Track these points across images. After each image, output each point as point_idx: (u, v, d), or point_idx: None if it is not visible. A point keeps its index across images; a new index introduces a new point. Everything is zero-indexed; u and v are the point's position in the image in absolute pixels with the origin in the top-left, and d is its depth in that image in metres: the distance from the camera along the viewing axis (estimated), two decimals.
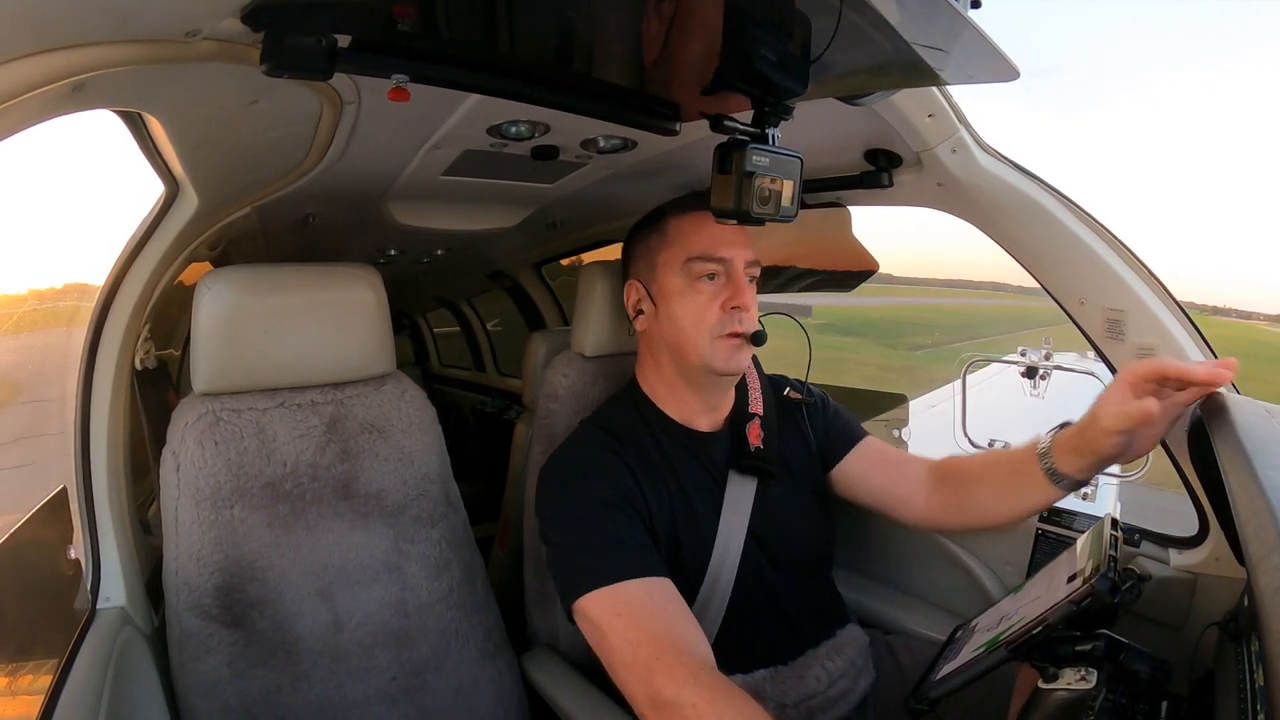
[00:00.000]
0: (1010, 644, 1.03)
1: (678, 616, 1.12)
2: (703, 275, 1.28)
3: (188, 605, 1.26)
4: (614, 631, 1.10)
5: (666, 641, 1.05)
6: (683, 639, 1.07)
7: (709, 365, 1.30)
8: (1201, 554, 1.32)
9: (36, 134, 0.75)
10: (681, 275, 1.30)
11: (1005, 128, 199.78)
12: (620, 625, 1.10)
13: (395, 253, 2.74)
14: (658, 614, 1.11)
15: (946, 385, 3.32)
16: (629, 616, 1.10)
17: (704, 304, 1.28)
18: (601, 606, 1.12)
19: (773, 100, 0.98)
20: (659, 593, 1.14)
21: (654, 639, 1.06)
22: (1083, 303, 1.34)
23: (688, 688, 0.98)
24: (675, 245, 1.31)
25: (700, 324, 1.28)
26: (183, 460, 1.28)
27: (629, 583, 1.13)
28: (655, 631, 1.07)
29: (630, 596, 1.12)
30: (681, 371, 1.34)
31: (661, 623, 1.09)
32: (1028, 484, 1.22)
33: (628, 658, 1.06)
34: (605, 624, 1.11)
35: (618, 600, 1.12)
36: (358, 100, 1.07)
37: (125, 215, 1.30)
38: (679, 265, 1.30)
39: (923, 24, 0.71)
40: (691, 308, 1.29)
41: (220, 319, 1.29)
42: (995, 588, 1.54)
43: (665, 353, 1.35)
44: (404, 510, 1.45)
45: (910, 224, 35.82)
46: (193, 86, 0.90)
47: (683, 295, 1.30)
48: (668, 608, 1.12)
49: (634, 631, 1.08)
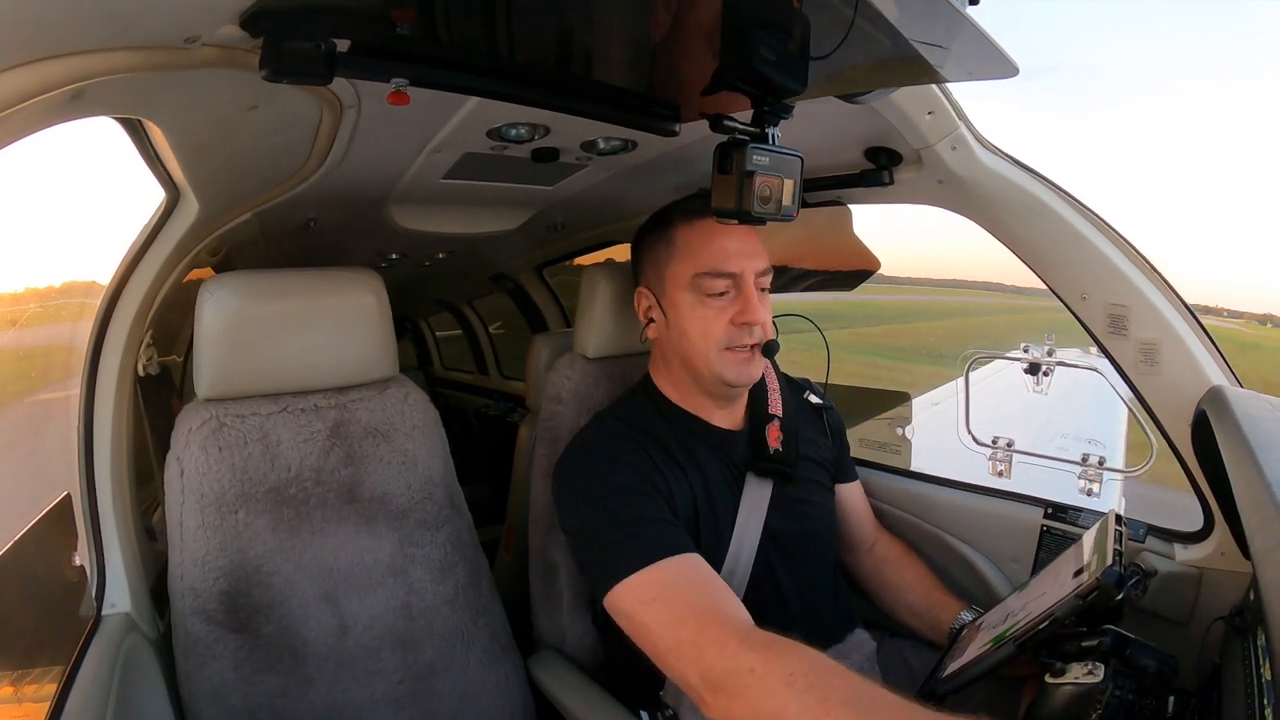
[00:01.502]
0: (1018, 639, 1.03)
1: (713, 588, 1.10)
2: (712, 292, 1.27)
3: (193, 610, 1.26)
4: (652, 618, 1.08)
5: (707, 615, 1.03)
6: (723, 609, 1.05)
7: (720, 377, 1.29)
8: (1207, 549, 1.31)
9: (37, 141, 0.76)
10: (690, 290, 1.28)
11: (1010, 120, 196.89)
12: (657, 611, 1.08)
13: (397, 256, 2.74)
14: (694, 590, 1.09)
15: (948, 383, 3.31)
16: (664, 600, 1.08)
17: (712, 318, 1.27)
18: (634, 596, 1.10)
19: (772, 99, 0.98)
20: (690, 568, 1.12)
21: (694, 617, 1.04)
22: (1085, 298, 1.34)
23: (741, 653, 0.95)
24: (683, 258, 1.29)
25: (708, 339, 1.28)
26: (187, 466, 1.28)
27: (658, 565, 1.11)
28: (694, 608, 1.05)
29: (662, 578, 1.10)
30: (694, 379, 1.34)
31: (699, 598, 1.07)
32: (932, 624, 1.44)
33: (671, 641, 1.04)
34: (641, 613, 1.09)
35: (650, 585, 1.10)
36: (357, 104, 1.07)
37: (127, 222, 1.31)
38: (687, 280, 1.28)
39: (922, 21, 0.71)
40: (700, 323, 1.28)
41: (222, 325, 1.29)
42: (1002, 585, 1.54)
43: (676, 360, 1.35)
44: (408, 514, 1.45)
45: (895, 224, 35.62)
46: (193, 92, 0.90)
47: (691, 310, 1.29)
48: (702, 582, 1.11)
49: (671, 613, 1.06)
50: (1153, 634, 1.09)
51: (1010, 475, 1.62)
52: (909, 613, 1.49)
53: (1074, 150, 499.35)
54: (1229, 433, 1.00)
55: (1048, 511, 1.51)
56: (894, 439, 1.99)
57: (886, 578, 1.55)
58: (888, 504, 1.72)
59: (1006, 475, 1.62)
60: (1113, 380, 1.38)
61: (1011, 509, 1.56)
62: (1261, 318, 21.07)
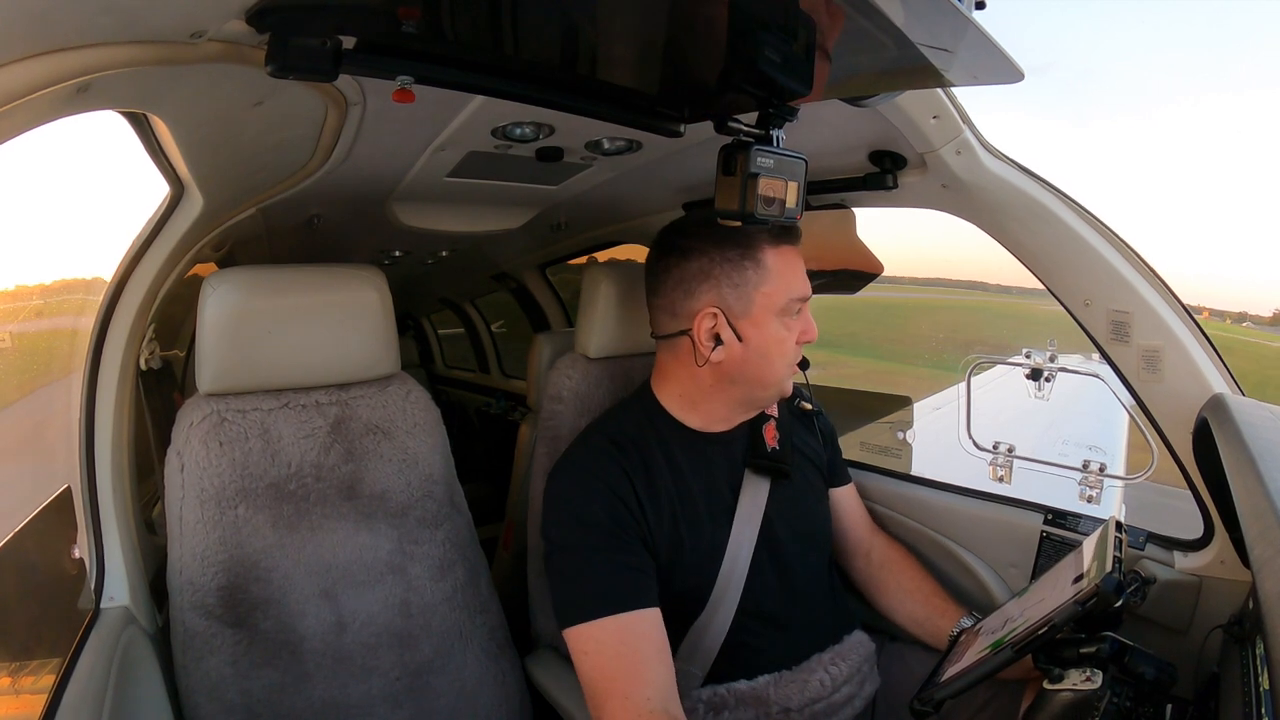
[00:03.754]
0: (1016, 645, 1.03)
1: (644, 657, 1.18)
2: (793, 313, 1.30)
3: (192, 605, 1.26)
4: (584, 668, 1.20)
5: (626, 685, 1.15)
6: (642, 685, 1.15)
7: (784, 393, 1.35)
8: (1206, 556, 1.31)
9: (42, 134, 0.76)
10: (779, 314, 1.29)
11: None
12: (586, 663, 1.19)
13: (400, 254, 2.74)
14: (626, 656, 1.18)
15: (950, 388, 3.31)
16: (596, 655, 1.18)
17: (788, 339, 1.31)
18: (578, 642, 1.20)
19: (777, 102, 0.98)
20: (633, 630, 1.19)
21: (614, 681, 1.16)
22: (1088, 304, 1.34)
23: None
24: (778, 283, 1.27)
25: (785, 359, 1.32)
26: (187, 460, 1.29)
27: (607, 620, 1.18)
28: (617, 675, 1.16)
29: (603, 635, 1.19)
30: (742, 396, 1.35)
31: (627, 665, 1.17)
32: (932, 631, 1.45)
33: (592, 692, 1.18)
34: (577, 659, 1.21)
35: (591, 638, 1.19)
36: (362, 102, 1.07)
37: (131, 216, 1.31)
38: (782, 304, 1.28)
39: (927, 25, 0.71)
40: (781, 345, 1.30)
41: (225, 320, 1.29)
42: (1001, 590, 1.54)
43: (730, 381, 1.32)
44: (408, 511, 1.45)
45: (888, 226, 35.73)
46: (198, 88, 0.90)
47: (777, 333, 1.30)
48: (637, 648, 1.18)
49: (599, 671, 1.18)
50: (1151, 641, 1.09)
51: (1010, 480, 1.62)
52: (908, 619, 1.49)
53: (1044, 145, 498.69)
54: (1230, 441, 1.00)
55: (1048, 518, 1.50)
56: (895, 443, 2.00)
57: (884, 583, 1.55)
58: (887, 508, 1.71)
59: (1007, 480, 1.62)
60: (1114, 386, 1.38)
61: (1011, 515, 1.56)
62: (1238, 315, 21.18)
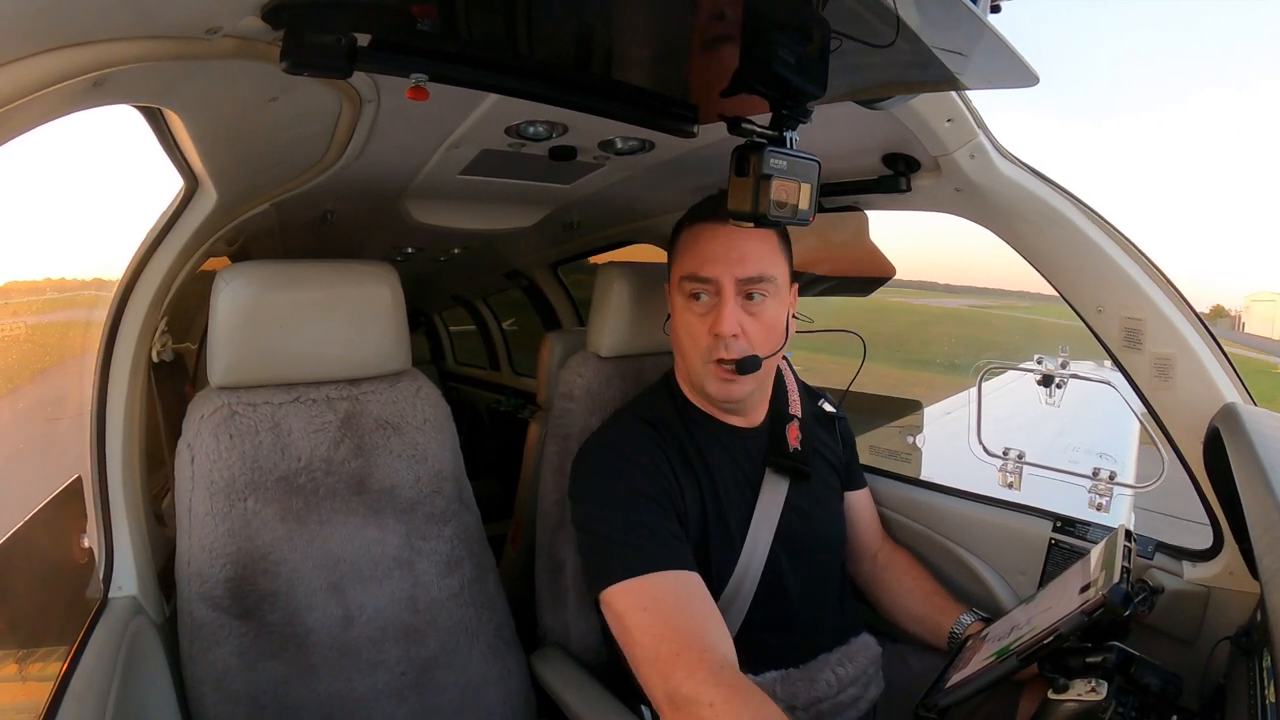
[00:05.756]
0: (1021, 653, 1.03)
1: (703, 612, 1.12)
2: (691, 294, 1.28)
3: (199, 596, 1.27)
4: (638, 625, 1.10)
5: (689, 638, 1.06)
6: (706, 636, 1.07)
7: (705, 388, 1.30)
8: (1215, 567, 1.30)
9: (57, 128, 0.76)
10: (679, 292, 1.30)
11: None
12: (644, 619, 1.10)
13: (413, 251, 2.75)
14: (683, 609, 1.11)
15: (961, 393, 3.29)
16: (653, 610, 1.10)
17: (694, 324, 1.28)
18: (628, 599, 1.12)
19: (791, 103, 0.98)
20: (685, 587, 1.14)
21: (676, 635, 1.06)
22: (1100, 311, 1.33)
23: (707, 685, 0.98)
24: (677, 259, 1.31)
25: (695, 346, 1.28)
26: (198, 452, 1.29)
27: (656, 575, 1.13)
28: (678, 627, 1.08)
29: (657, 590, 1.12)
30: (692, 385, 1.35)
31: (685, 618, 1.09)
32: (932, 629, 1.45)
33: (650, 652, 1.07)
34: (630, 617, 1.11)
35: (644, 593, 1.12)
36: (376, 99, 1.07)
37: (144, 209, 1.32)
38: (678, 281, 1.30)
39: (942, 28, 0.71)
40: (686, 328, 1.29)
41: (238, 313, 1.30)
42: (1008, 597, 1.53)
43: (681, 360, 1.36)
44: (417, 507, 1.46)
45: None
46: (213, 83, 0.91)
47: (680, 313, 1.30)
48: (693, 603, 1.12)
49: (658, 626, 1.08)
50: (1158, 652, 1.08)
51: (1020, 487, 1.61)
52: (909, 618, 1.49)
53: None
54: (1241, 451, 0.99)
55: (1056, 525, 1.50)
56: (904, 447, 1.99)
57: (887, 584, 1.55)
58: (895, 512, 1.71)
59: (1016, 487, 1.61)
60: (1126, 394, 1.37)
61: (1020, 521, 1.55)
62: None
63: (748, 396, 1.33)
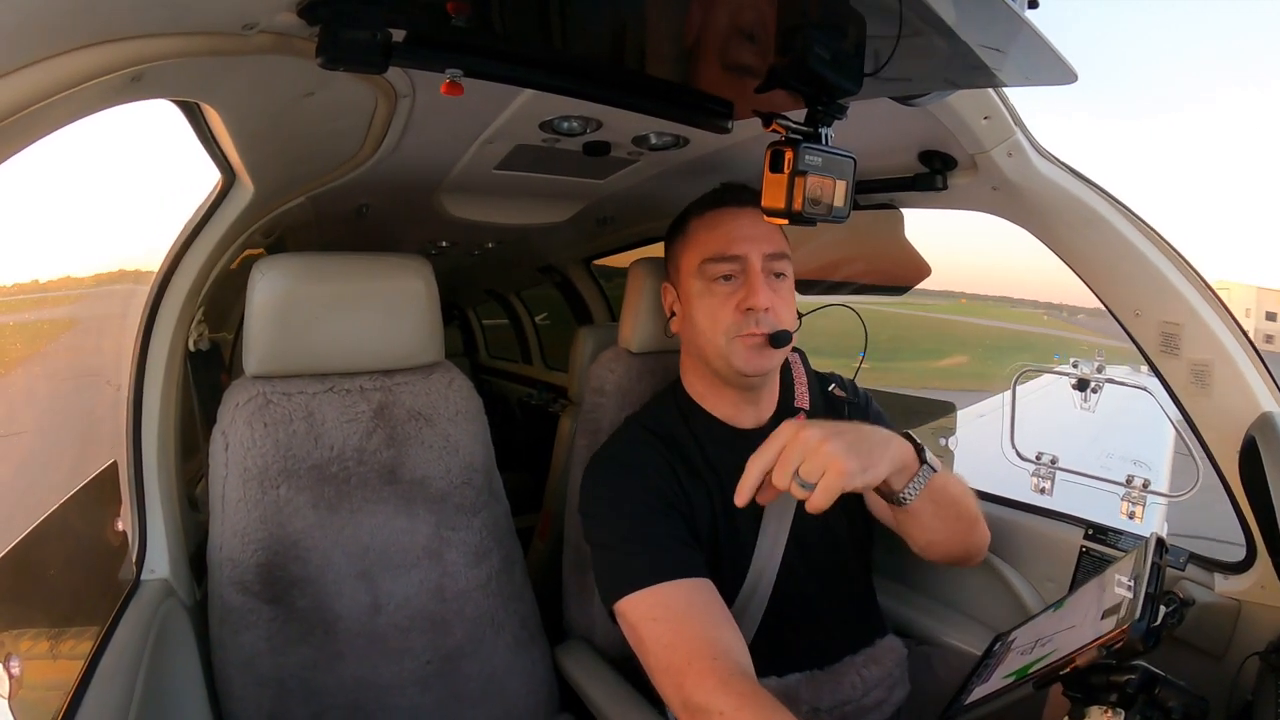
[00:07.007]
0: (1037, 680, 1.01)
1: (715, 620, 1.11)
2: (718, 276, 1.27)
3: (230, 580, 1.29)
4: (650, 635, 1.11)
5: (700, 646, 1.06)
6: (717, 644, 1.07)
7: (731, 365, 1.28)
8: (1247, 580, 1.27)
9: (97, 121, 0.78)
10: (699, 278, 1.29)
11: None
12: (656, 629, 1.11)
13: (447, 245, 2.77)
14: (694, 617, 1.11)
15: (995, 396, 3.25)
16: (665, 620, 1.11)
17: (718, 306, 1.27)
18: (639, 610, 1.13)
19: (826, 99, 0.97)
20: (697, 595, 1.14)
21: (688, 643, 1.07)
22: (1138, 314, 1.30)
23: (717, 694, 0.98)
24: (692, 247, 1.31)
25: (716, 327, 1.27)
26: (232, 440, 1.32)
27: (667, 584, 1.13)
28: (689, 636, 1.08)
29: (668, 599, 1.12)
30: (712, 373, 1.33)
31: (697, 626, 1.10)
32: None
33: (663, 661, 1.07)
34: (643, 628, 1.12)
35: (655, 603, 1.12)
36: (412, 94, 1.08)
37: (182, 202, 1.34)
38: (696, 268, 1.29)
39: (980, 24, 0.70)
40: (707, 311, 1.28)
41: (273, 304, 1.32)
42: (1035, 603, 1.50)
43: (695, 354, 1.35)
44: (447, 497, 1.47)
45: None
46: (249, 78, 0.92)
47: (700, 298, 1.29)
48: (705, 611, 1.12)
49: (669, 635, 1.09)
50: (1186, 666, 1.06)
51: (1053, 493, 1.58)
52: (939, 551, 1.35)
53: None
54: (1277, 461, 0.97)
55: (1088, 532, 1.47)
56: (937, 449, 1.97)
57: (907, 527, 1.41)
58: None
59: (1049, 493, 1.58)
60: (1162, 400, 1.35)
61: (1051, 528, 1.53)
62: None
63: (767, 376, 1.33)
